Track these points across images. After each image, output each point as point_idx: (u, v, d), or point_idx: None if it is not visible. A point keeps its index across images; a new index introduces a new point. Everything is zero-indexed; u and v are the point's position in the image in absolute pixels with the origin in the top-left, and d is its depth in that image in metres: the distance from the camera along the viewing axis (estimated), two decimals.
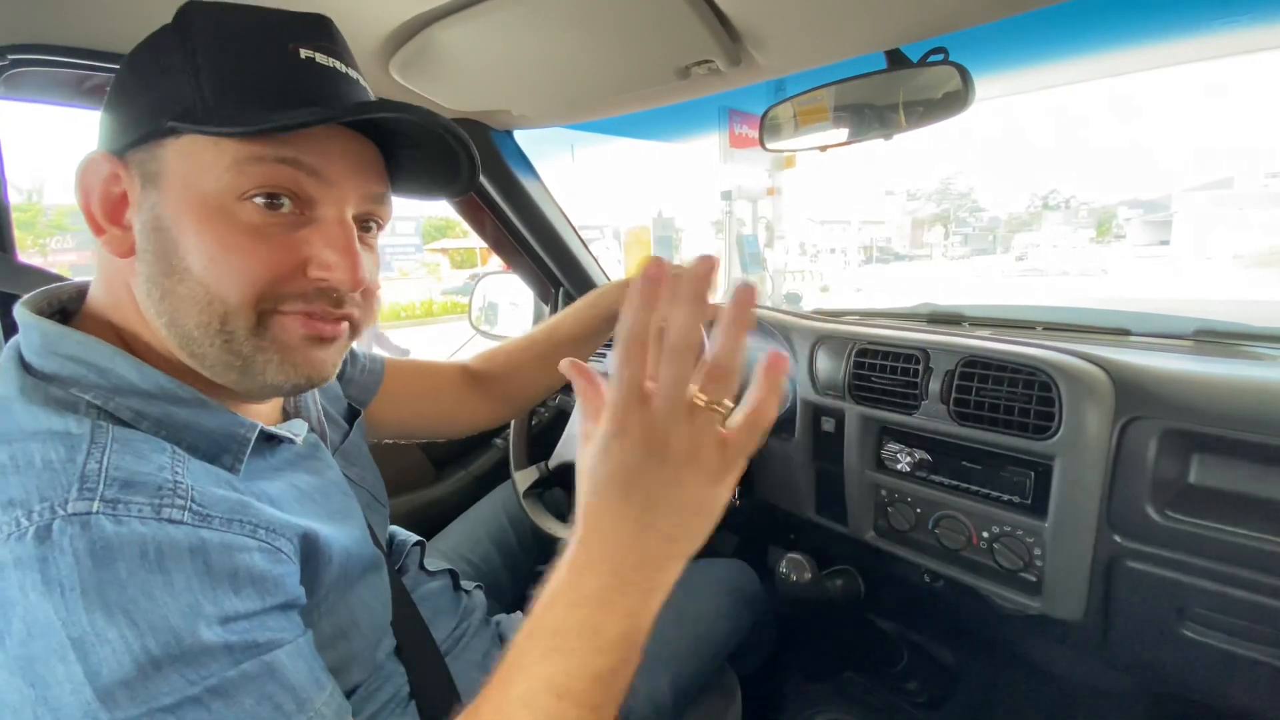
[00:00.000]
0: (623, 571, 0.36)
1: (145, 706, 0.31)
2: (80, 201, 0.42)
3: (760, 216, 8.49)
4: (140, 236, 0.41)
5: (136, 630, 0.31)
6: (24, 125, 0.96)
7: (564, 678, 0.34)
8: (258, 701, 0.34)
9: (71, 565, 0.31)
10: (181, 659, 0.32)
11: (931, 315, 1.17)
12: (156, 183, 0.41)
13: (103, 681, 0.30)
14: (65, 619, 0.30)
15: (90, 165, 0.42)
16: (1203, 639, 0.67)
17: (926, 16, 0.75)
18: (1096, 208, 63.71)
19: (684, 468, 0.35)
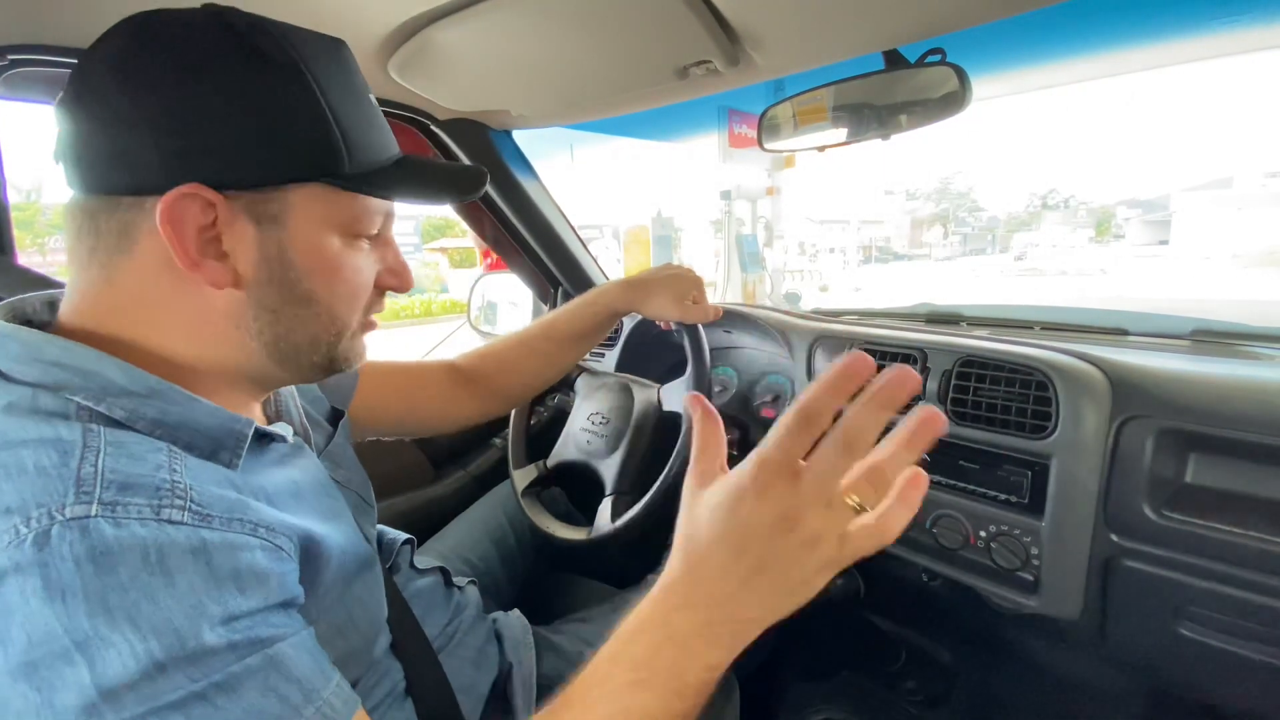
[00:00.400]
0: (714, 624, 0.36)
1: (150, 705, 0.31)
2: (169, 234, 0.39)
3: (759, 216, 8.48)
4: (257, 268, 0.43)
5: (140, 634, 0.31)
6: (22, 125, 0.96)
7: (646, 713, 0.36)
8: (262, 694, 0.34)
9: (72, 571, 0.31)
10: (186, 659, 0.32)
11: (929, 315, 1.17)
12: (280, 223, 0.43)
13: (107, 684, 0.30)
14: (68, 625, 0.30)
15: (180, 202, 0.39)
16: (1199, 638, 0.67)
17: (924, 17, 0.76)
18: (1095, 207, 63.80)
19: (805, 549, 0.35)
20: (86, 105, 0.40)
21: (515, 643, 0.76)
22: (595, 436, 0.98)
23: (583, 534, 0.92)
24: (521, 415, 1.11)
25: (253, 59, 0.40)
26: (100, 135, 0.40)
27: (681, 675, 0.36)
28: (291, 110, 0.41)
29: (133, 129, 0.39)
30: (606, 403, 1.00)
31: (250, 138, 0.40)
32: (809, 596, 0.37)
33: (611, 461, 0.94)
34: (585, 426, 1.01)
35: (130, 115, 0.39)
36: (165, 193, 0.39)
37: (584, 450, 0.99)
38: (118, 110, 0.39)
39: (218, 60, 0.40)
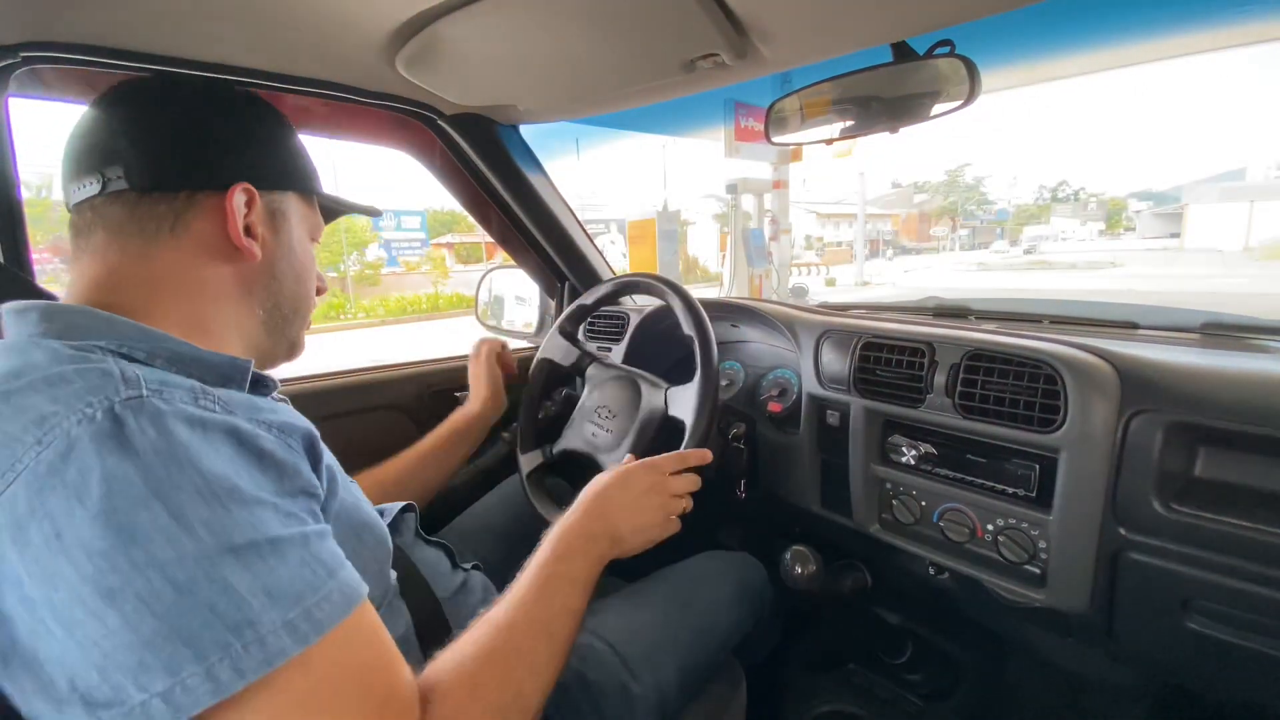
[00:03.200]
0: (613, 549, 0.69)
1: (221, 543, 0.37)
2: (234, 217, 0.53)
3: (766, 210, 8.44)
4: (268, 248, 0.58)
5: (204, 479, 0.38)
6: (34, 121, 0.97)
7: (577, 604, 0.60)
8: (300, 565, 0.40)
9: (139, 432, 0.37)
10: (245, 505, 0.39)
11: (937, 309, 1.17)
12: (284, 217, 0.59)
13: (185, 519, 0.36)
14: (144, 475, 0.36)
15: (240, 193, 0.54)
16: (1207, 631, 0.67)
17: (933, 9, 0.75)
18: (1105, 199, 63.14)
19: (654, 503, 0.73)
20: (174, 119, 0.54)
21: None
22: (601, 430, 0.99)
23: None
24: (531, 399, 1.12)
25: (277, 117, 0.61)
26: (180, 142, 0.53)
27: (590, 584, 0.63)
28: (293, 147, 0.62)
29: (209, 143, 0.54)
30: (614, 397, 1.00)
31: (272, 159, 0.59)
32: (660, 535, 0.73)
33: (614, 457, 0.95)
34: (592, 418, 1.01)
35: (210, 132, 0.55)
36: (228, 188, 0.53)
37: (589, 443, 1.00)
38: (204, 128, 0.55)
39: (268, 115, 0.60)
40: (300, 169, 0.61)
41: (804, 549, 0.98)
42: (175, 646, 0.34)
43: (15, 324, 0.46)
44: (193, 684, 0.34)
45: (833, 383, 0.96)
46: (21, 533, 0.35)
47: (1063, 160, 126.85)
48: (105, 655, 0.34)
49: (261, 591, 0.37)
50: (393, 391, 1.31)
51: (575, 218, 1.44)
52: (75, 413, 0.37)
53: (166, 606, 0.35)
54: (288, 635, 0.37)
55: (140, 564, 0.35)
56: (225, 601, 0.36)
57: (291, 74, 0.92)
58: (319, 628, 0.39)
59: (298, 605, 0.38)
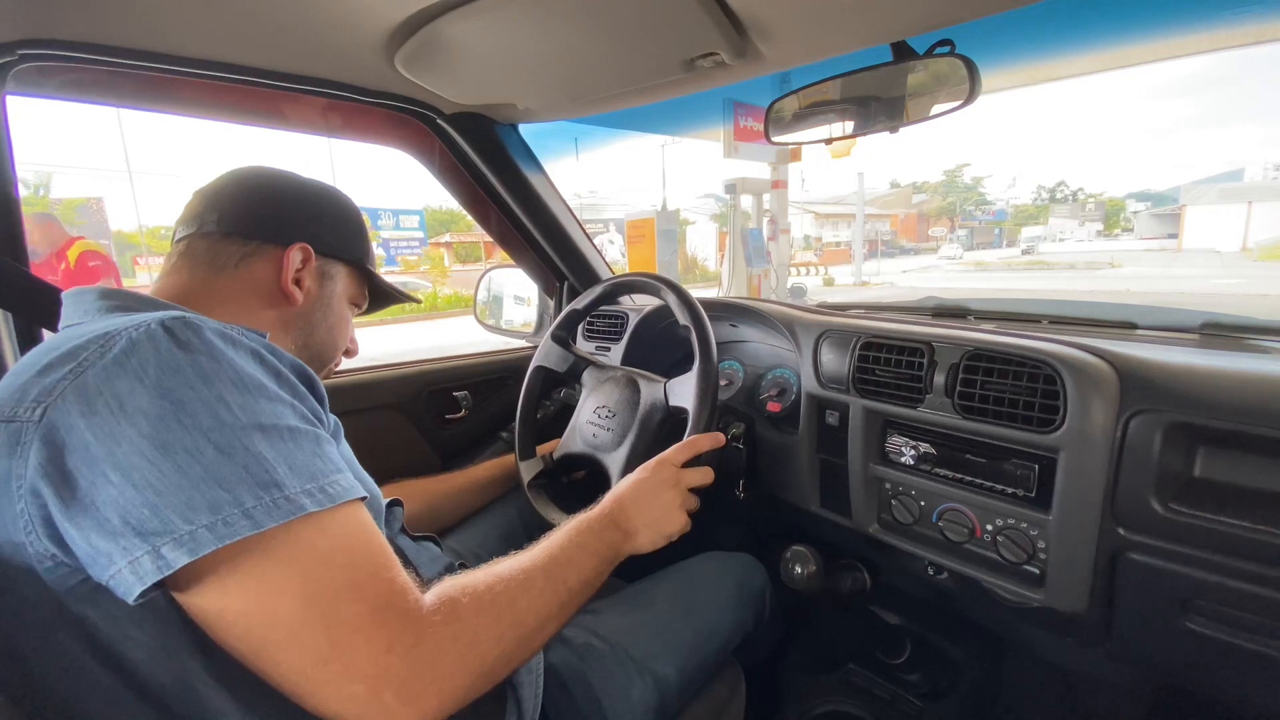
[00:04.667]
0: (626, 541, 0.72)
1: (252, 420, 0.45)
2: (287, 264, 0.66)
3: (765, 210, 8.45)
4: (312, 299, 0.70)
5: (239, 374, 0.46)
6: (31, 120, 0.97)
7: (587, 574, 0.64)
8: (312, 455, 0.47)
9: (186, 337, 0.45)
10: (268, 399, 0.47)
11: (936, 309, 1.17)
12: (331, 279, 0.72)
13: (224, 399, 0.44)
14: (192, 364, 0.44)
15: (298, 250, 0.67)
16: (1206, 632, 0.67)
17: (933, 8, 0.75)
18: (1104, 200, 63.21)
19: (669, 496, 0.77)
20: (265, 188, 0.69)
21: None
22: (601, 430, 0.99)
23: None
24: (528, 407, 1.11)
25: (348, 202, 0.76)
26: (263, 204, 0.68)
27: (614, 548, 0.69)
28: (354, 229, 0.75)
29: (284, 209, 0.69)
30: (613, 396, 1.00)
31: (333, 233, 0.72)
32: (672, 534, 0.75)
33: (617, 455, 0.94)
34: (591, 419, 1.01)
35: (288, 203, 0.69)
36: (289, 245, 0.67)
37: (590, 443, 0.99)
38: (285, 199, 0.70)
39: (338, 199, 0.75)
40: (356, 248, 0.75)
41: (803, 549, 0.98)
42: (218, 490, 0.41)
43: (73, 303, 0.55)
44: (232, 519, 0.41)
45: (832, 382, 0.96)
46: (89, 407, 0.41)
47: (1061, 161, 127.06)
48: (158, 494, 0.40)
49: (284, 463, 0.45)
50: (391, 391, 1.31)
51: (574, 217, 1.44)
52: (134, 325, 0.45)
53: (209, 460, 0.42)
54: (307, 499, 0.44)
55: (189, 426, 0.42)
56: (256, 465, 0.43)
57: (290, 72, 0.92)
58: (332, 499, 0.46)
59: (313, 480, 0.46)
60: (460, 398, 1.42)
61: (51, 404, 0.42)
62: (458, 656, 0.48)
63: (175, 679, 0.44)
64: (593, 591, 0.65)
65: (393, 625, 0.45)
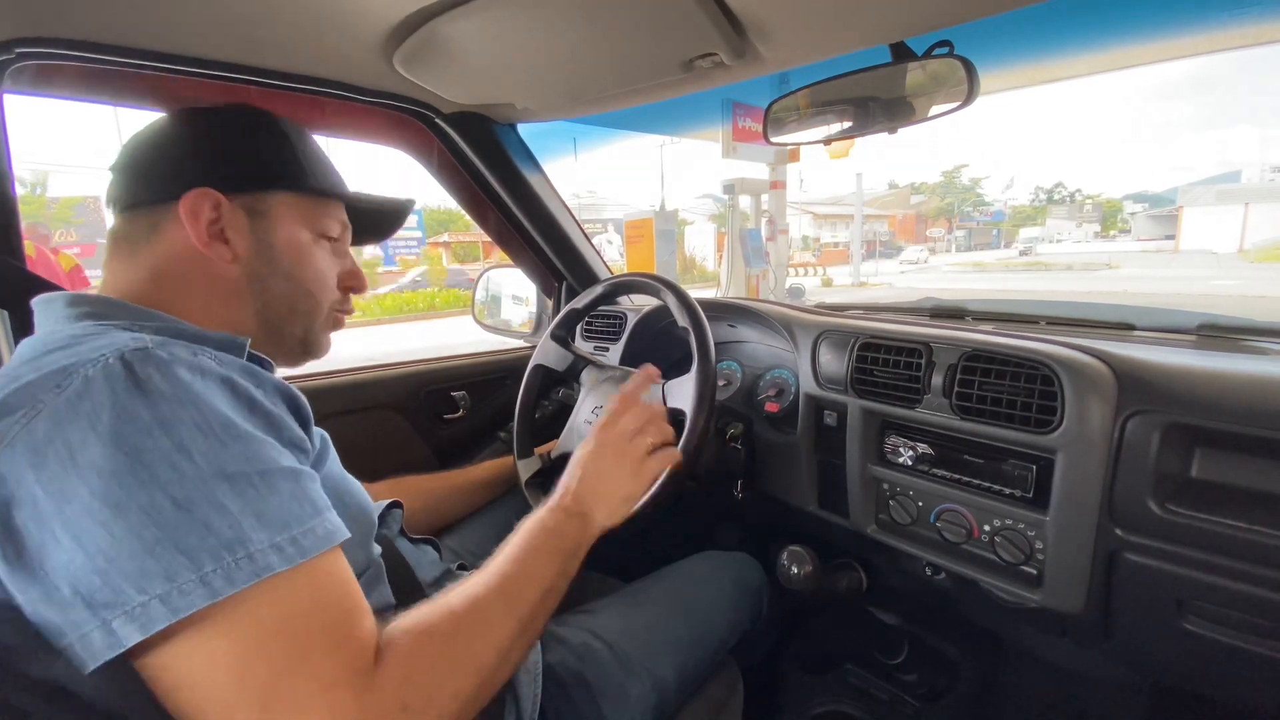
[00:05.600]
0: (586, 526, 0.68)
1: (217, 469, 0.41)
2: (187, 221, 0.56)
3: (763, 210, 8.44)
4: (249, 249, 0.59)
5: (203, 416, 0.42)
6: (29, 118, 0.96)
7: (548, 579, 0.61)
8: (288, 499, 0.44)
9: (146, 375, 0.42)
10: (237, 440, 0.43)
11: (934, 310, 1.17)
12: (266, 217, 0.60)
13: (185, 447, 0.40)
14: (150, 409, 0.41)
15: (201, 198, 0.56)
16: (1203, 632, 0.67)
17: (931, 9, 0.75)
18: (1101, 201, 63.32)
19: (626, 458, 0.72)
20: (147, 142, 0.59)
21: None
22: None
23: None
24: (527, 406, 1.11)
25: (243, 119, 0.62)
26: (147, 161, 0.58)
27: (574, 540, 0.65)
28: (274, 146, 0.62)
29: (168, 158, 0.58)
30: (611, 396, 1.00)
31: (244, 161, 0.60)
32: (635, 495, 0.72)
33: None
34: (590, 419, 1.01)
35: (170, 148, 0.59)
36: (182, 196, 0.55)
37: None
38: (166, 145, 0.59)
39: (234, 120, 0.61)
40: (285, 168, 0.61)
41: (801, 549, 0.98)
42: (174, 555, 0.38)
43: (44, 310, 0.53)
44: (188, 589, 0.38)
45: (830, 383, 0.96)
46: (39, 458, 0.39)
47: (1059, 162, 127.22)
48: (109, 561, 0.37)
49: (252, 514, 0.41)
50: (388, 391, 1.31)
51: (573, 217, 1.44)
52: (90, 361, 0.42)
53: (167, 519, 0.39)
54: (275, 555, 0.41)
55: (145, 481, 0.39)
56: (219, 520, 0.40)
57: (288, 71, 0.92)
58: (304, 553, 0.43)
59: (284, 531, 0.42)
60: (458, 398, 1.42)
61: (1, 451, 0.39)
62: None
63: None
64: (559, 596, 0.61)
65: (337, 699, 0.41)
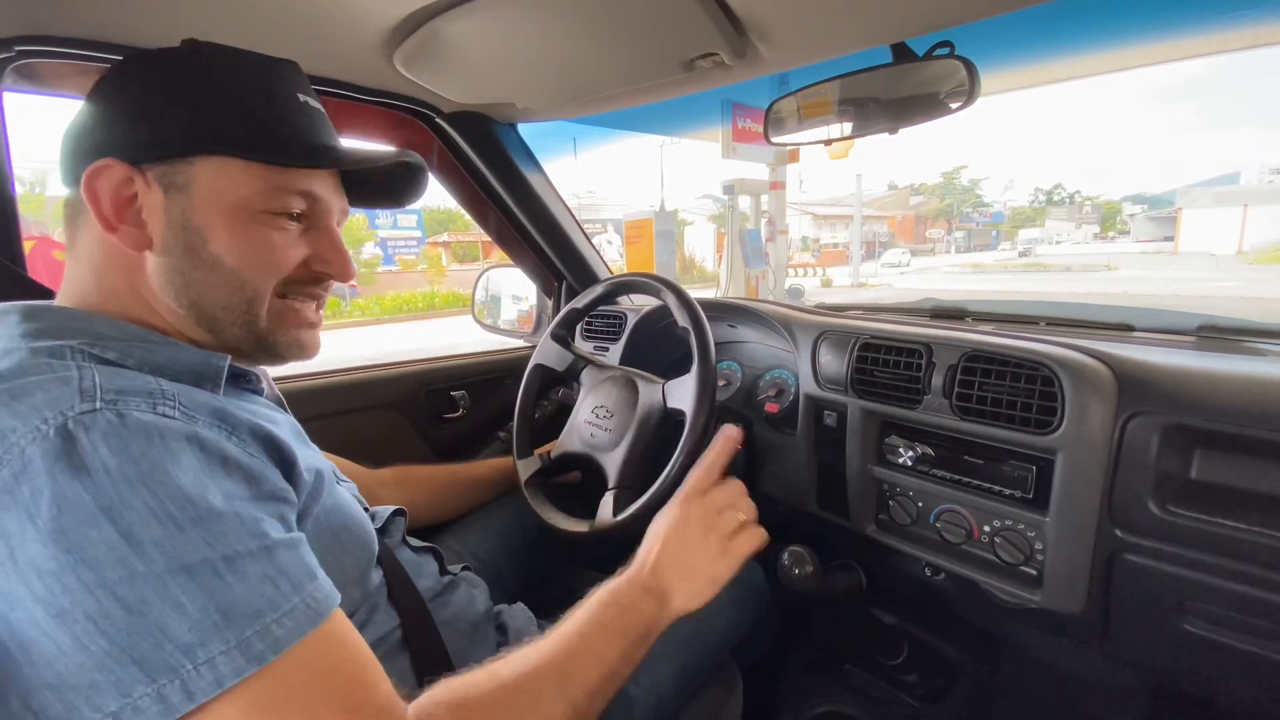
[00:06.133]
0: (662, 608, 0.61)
1: (173, 562, 0.36)
2: (89, 202, 0.47)
3: (763, 210, 8.45)
4: (165, 232, 0.49)
5: (157, 498, 0.37)
6: (28, 116, 0.96)
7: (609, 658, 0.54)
8: (260, 581, 0.39)
9: (91, 450, 0.36)
10: (200, 522, 0.38)
11: (934, 310, 1.17)
12: (185, 191, 0.49)
13: (136, 538, 0.35)
14: (94, 494, 0.36)
15: (102, 171, 0.47)
16: (1203, 633, 0.67)
17: (932, 10, 0.75)
18: (1100, 203, 63.37)
19: (710, 539, 0.61)
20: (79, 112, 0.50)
21: (519, 633, 0.77)
22: (599, 430, 0.98)
23: (584, 526, 0.93)
24: (526, 405, 1.11)
25: (170, 68, 0.50)
26: (65, 139, 0.50)
27: (647, 623, 0.58)
28: (202, 100, 0.49)
29: (82, 131, 0.49)
30: (611, 396, 1.00)
31: (152, 119, 0.48)
32: (721, 577, 0.62)
33: (615, 455, 0.94)
34: (589, 419, 1.01)
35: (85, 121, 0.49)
36: (82, 172, 0.47)
37: (587, 443, 0.99)
38: (83, 118, 0.50)
39: (147, 70, 0.50)
40: (219, 125, 0.48)
41: (800, 550, 0.98)
42: (125, 667, 0.34)
43: None
44: (144, 705, 0.34)
45: (830, 383, 0.96)
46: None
47: (1058, 163, 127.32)
48: (58, 675, 0.34)
49: (215, 610, 0.36)
50: (388, 390, 1.31)
51: (573, 217, 1.44)
52: (30, 429, 0.36)
53: (117, 627, 0.34)
54: (242, 655, 0.36)
55: (90, 584, 0.34)
56: (177, 622, 0.35)
57: None
58: (277, 646, 0.38)
59: (255, 623, 0.37)
60: (458, 397, 1.41)
61: None
62: None
63: None
64: (620, 684, 0.55)
65: None
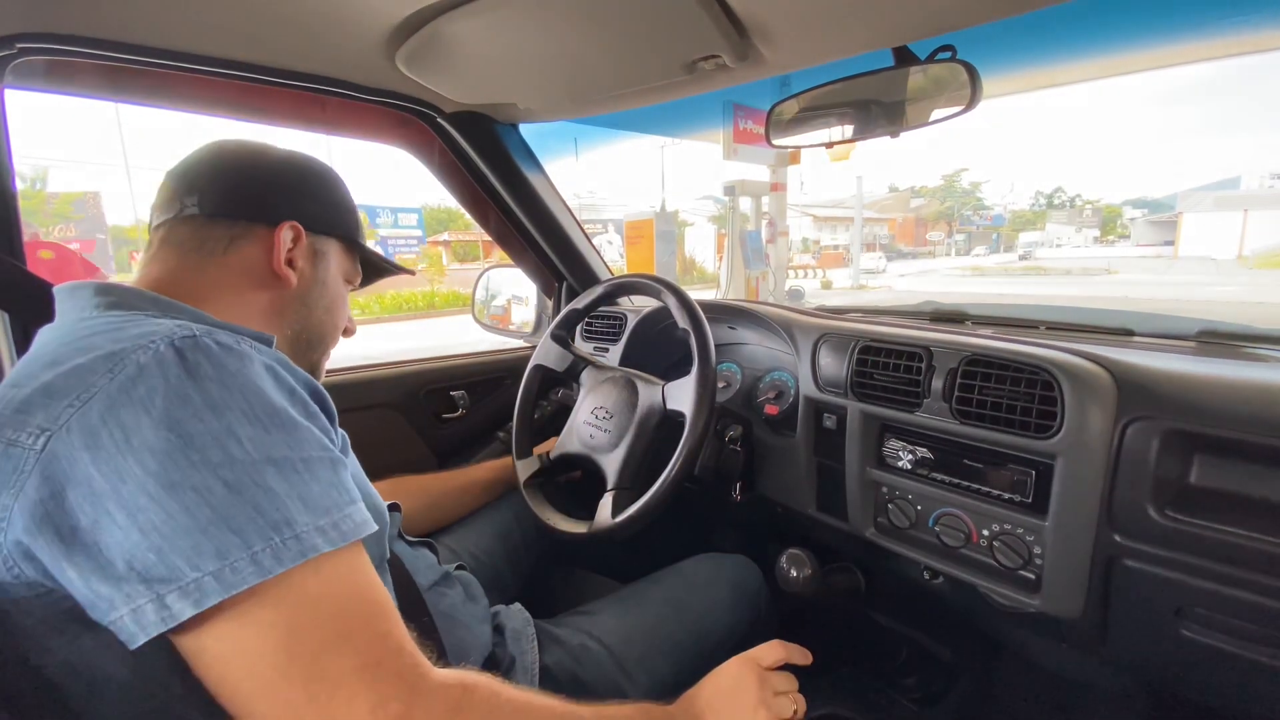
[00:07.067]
0: None
1: (263, 454, 0.43)
2: (277, 248, 0.63)
3: (764, 212, 8.45)
4: (306, 280, 0.67)
5: (249, 403, 0.44)
6: (29, 113, 0.96)
7: None
8: (327, 486, 0.46)
9: (195, 362, 0.43)
10: (283, 428, 0.45)
11: (935, 313, 1.17)
12: (324, 259, 0.69)
13: (234, 432, 0.42)
14: (201, 394, 0.42)
15: (288, 229, 0.64)
16: (1201, 639, 0.67)
17: (934, 14, 0.75)
18: (1101, 206, 63.40)
19: (759, 706, 0.64)
20: (244, 165, 0.64)
21: (517, 634, 0.77)
22: (599, 430, 0.98)
23: (583, 527, 0.93)
24: (526, 406, 1.11)
25: (327, 172, 0.71)
26: (245, 183, 0.64)
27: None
28: (343, 203, 0.72)
29: (268, 187, 0.65)
30: (611, 397, 1.00)
31: (322, 209, 0.68)
32: None
33: (614, 456, 0.94)
34: (589, 420, 1.01)
35: (271, 179, 0.65)
36: (278, 224, 0.63)
37: (587, 444, 0.99)
38: (267, 176, 0.65)
39: (317, 169, 0.70)
40: (346, 222, 0.71)
41: (799, 552, 0.98)
42: (225, 534, 0.40)
43: (68, 299, 0.53)
44: (239, 566, 0.39)
45: (830, 386, 0.96)
46: (94, 439, 0.40)
47: (1059, 167, 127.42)
48: (164, 538, 0.39)
49: (298, 498, 0.43)
50: (388, 390, 1.31)
51: (573, 217, 1.44)
52: (141, 348, 0.43)
53: (218, 500, 0.40)
54: (319, 536, 0.43)
55: (197, 463, 0.40)
56: (267, 502, 0.42)
57: (291, 69, 0.92)
58: (345, 536, 0.44)
59: (326, 516, 0.44)
60: (457, 397, 1.41)
61: (56, 433, 0.40)
62: None
63: (156, 707, 0.43)
64: None
65: (383, 686, 0.42)
